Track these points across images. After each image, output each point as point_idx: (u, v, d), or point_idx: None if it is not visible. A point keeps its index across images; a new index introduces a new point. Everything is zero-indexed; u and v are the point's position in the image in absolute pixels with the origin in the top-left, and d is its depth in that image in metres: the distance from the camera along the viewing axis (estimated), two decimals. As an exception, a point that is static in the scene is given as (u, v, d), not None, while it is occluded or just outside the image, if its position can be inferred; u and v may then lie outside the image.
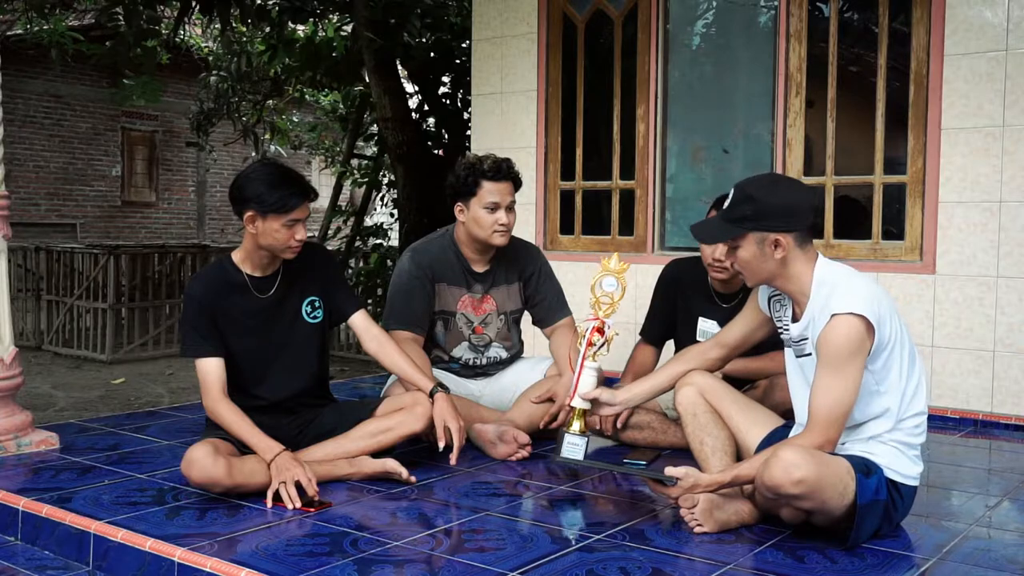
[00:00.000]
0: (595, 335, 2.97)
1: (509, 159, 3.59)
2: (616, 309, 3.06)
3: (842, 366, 2.40)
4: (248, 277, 3.07)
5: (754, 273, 2.57)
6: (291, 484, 2.78)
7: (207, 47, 11.83)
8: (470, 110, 6.73)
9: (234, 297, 3.05)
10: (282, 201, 2.92)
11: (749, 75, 4.99)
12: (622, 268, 3.06)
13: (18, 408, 3.54)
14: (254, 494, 2.83)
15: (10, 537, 2.81)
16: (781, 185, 2.60)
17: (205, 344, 2.98)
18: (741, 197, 2.53)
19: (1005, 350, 4.15)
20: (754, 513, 2.62)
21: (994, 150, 4.15)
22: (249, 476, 2.83)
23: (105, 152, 13.78)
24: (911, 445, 2.55)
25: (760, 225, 2.50)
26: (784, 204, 2.50)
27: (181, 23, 8.25)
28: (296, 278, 3.14)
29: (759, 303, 2.77)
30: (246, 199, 2.95)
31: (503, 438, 3.39)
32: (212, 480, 2.77)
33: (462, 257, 3.67)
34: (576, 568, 2.32)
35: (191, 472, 2.78)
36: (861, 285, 2.47)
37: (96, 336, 8.74)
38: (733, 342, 2.87)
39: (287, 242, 2.97)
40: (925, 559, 2.42)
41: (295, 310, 3.14)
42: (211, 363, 2.97)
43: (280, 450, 2.86)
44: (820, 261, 2.55)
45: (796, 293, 2.56)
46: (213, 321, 3.00)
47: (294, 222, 2.95)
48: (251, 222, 2.96)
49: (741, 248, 2.54)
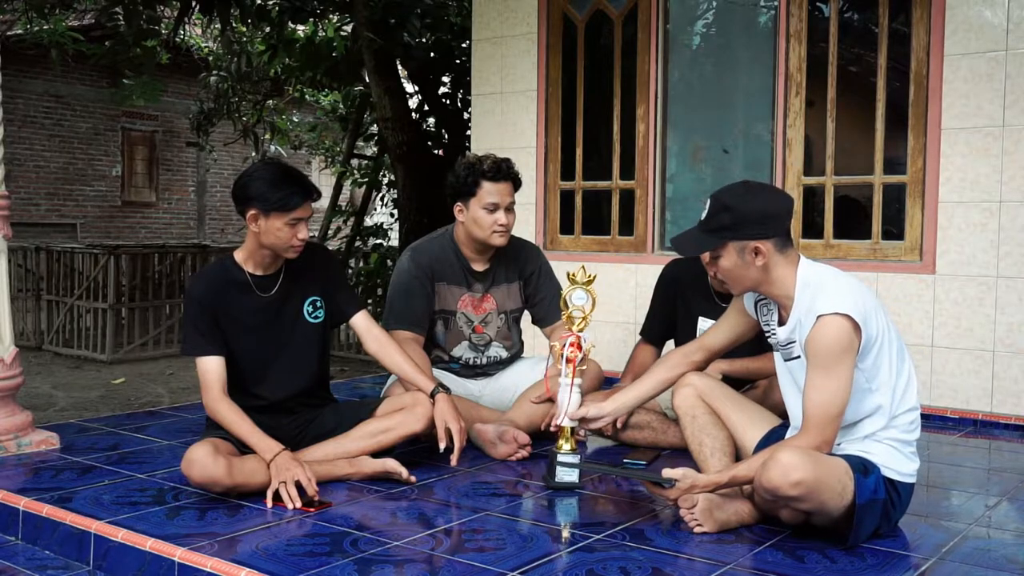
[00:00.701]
0: (572, 351, 2.97)
1: (509, 159, 3.59)
2: (589, 322, 3.07)
3: (832, 366, 2.40)
4: (250, 276, 3.07)
5: (737, 281, 2.58)
6: (291, 484, 2.78)
7: (207, 47, 11.83)
8: (470, 110, 6.74)
9: (236, 296, 3.05)
10: (285, 200, 2.93)
11: (749, 75, 4.99)
12: (590, 279, 3.06)
13: (18, 408, 3.54)
14: (254, 494, 2.83)
15: (10, 537, 2.81)
16: (755, 192, 2.58)
17: (206, 343, 2.98)
18: (718, 207, 2.53)
19: (1005, 350, 4.15)
20: (754, 513, 2.62)
21: (994, 150, 4.15)
22: (249, 476, 2.83)
23: (105, 152, 13.78)
24: (906, 442, 2.55)
25: (739, 234, 2.50)
26: (760, 211, 2.51)
27: (181, 23, 8.26)
28: (298, 278, 3.14)
29: (745, 306, 2.77)
30: (249, 198, 2.96)
31: (503, 438, 3.39)
32: (212, 480, 2.77)
33: (462, 256, 3.67)
34: (576, 568, 2.32)
35: (191, 472, 2.78)
36: (844, 284, 2.47)
37: (96, 336, 8.74)
38: (716, 346, 2.87)
39: (289, 241, 2.97)
40: (924, 559, 2.42)
41: (296, 310, 3.14)
42: (211, 362, 2.97)
43: (280, 450, 2.86)
44: (802, 263, 2.55)
45: (781, 297, 2.56)
46: (215, 320, 3.00)
47: (296, 221, 2.96)
48: (253, 221, 2.97)
49: (722, 258, 2.55)
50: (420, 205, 8.16)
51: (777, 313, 2.62)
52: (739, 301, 2.80)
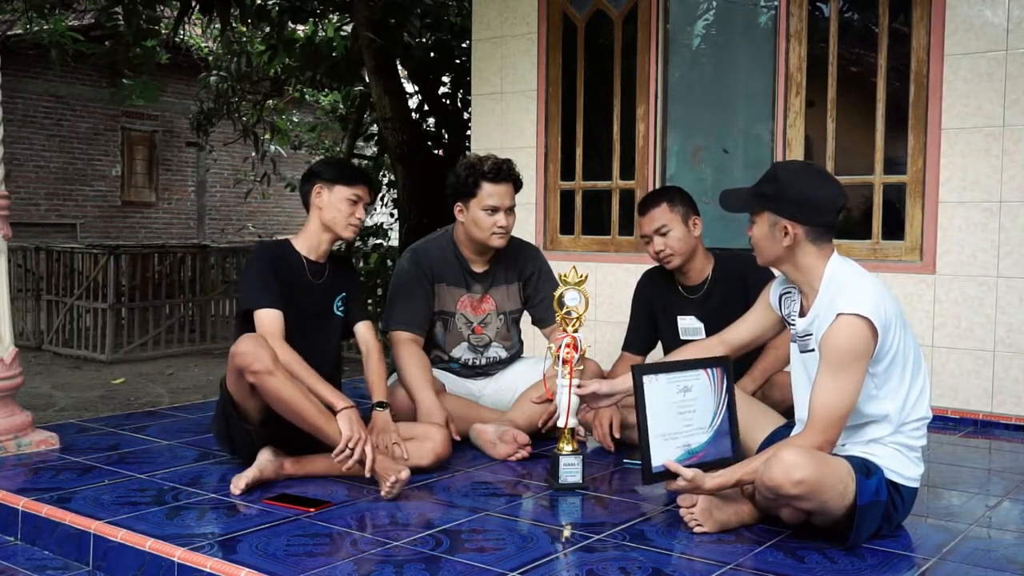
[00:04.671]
0: (569, 351, 2.97)
1: (510, 160, 3.59)
2: (584, 322, 3.07)
3: (843, 367, 2.39)
4: (305, 259, 3.25)
5: (761, 252, 2.60)
6: (367, 444, 2.87)
7: (207, 47, 11.83)
8: (470, 110, 6.73)
9: (292, 272, 3.20)
10: (349, 175, 3.24)
11: (749, 75, 4.99)
12: (582, 279, 3.06)
13: (18, 408, 3.54)
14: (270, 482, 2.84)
15: (10, 537, 2.81)
16: (809, 176, 2.56)
17: (272, 296, 3.08)
18: (769, 176, 2.57)
19: (1005, 350, 4.15)
20: (754, 513, 2.62)
21: (994, 150, 4.15)
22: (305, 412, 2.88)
23: (105, 152, 13.78)
24: (912, 447, 2.54)
25: (774, 207, 2.51)
26: (802, 195, 2.50)
27: (181, 23, 8.25)
28: (337, 274, 3.34)
29: (770, 300, 2.75)
30: (314, 174, 3.25)
31: (503, 438, 3.39)
32: (256, 356, 2.84)
33: (461, 257, 3.67)
34: (576, 568, 2.32)
35: (238, 350, 2.87)
36: (870, 287, 2.46)
37: (96, 336, 8.74)
38: (737, 341, 2.84)
39: (348, 218, 3.20)
40: (925, 559, 2.42)
41: (332, 301, 3.32)
42: (273, 313, 3.07)
43: (351, 404, 2.96)
44: (834, 259, 2.54)
45: (804, 285, 2.56)
46: (276, 278, 3.12)
47: (358, 198, 3.20)
48: (318, 195, 3.21)
49: (756, 224, 2.57)
50: (420, 205, 8.16)
51: (799, 303, 2.62)
52: (764, 296, 2.78)
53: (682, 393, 2.65)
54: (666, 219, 3.47)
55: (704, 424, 2.67)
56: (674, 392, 2.64)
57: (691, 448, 2.65)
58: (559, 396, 3.02)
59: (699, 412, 2.67)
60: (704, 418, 2.68)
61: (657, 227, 3.47)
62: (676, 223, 3.47)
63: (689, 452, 2.64)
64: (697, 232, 3.52)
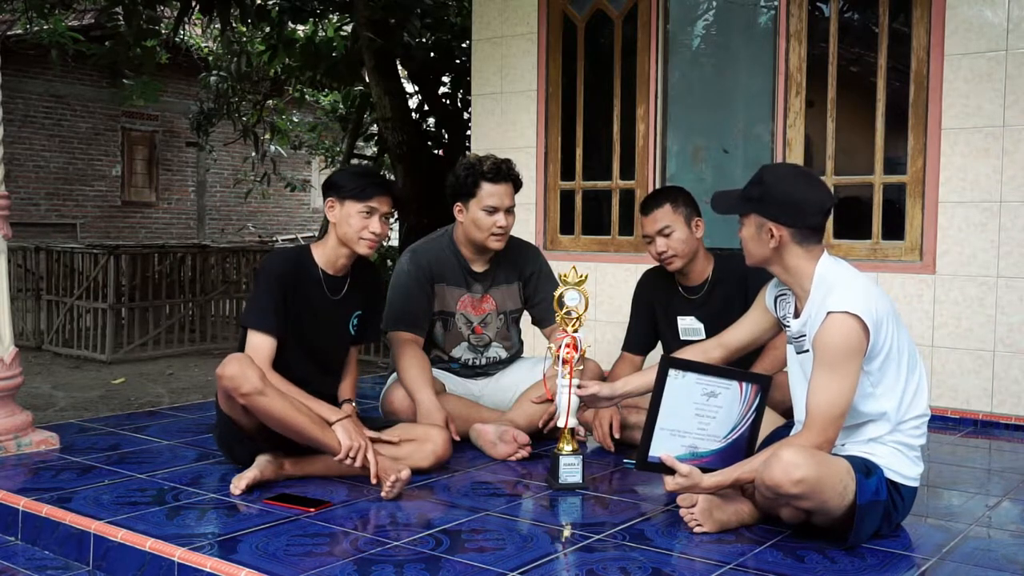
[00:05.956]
0: (569, 351, 2.97)
1: (509, 160, 3.59)
2: (584, 322, 3.07)
3: (838, 366, 2.40)
4: (323, 273, 3.14)
5: (749, 253, 2.62)
6: (369, 451, 2.87)
7: (207, 47, 11.84)
8: (470, 110, 6.74)
9: (308, 287, 3.11)
10: (361, 187, 3.04)
11: (749, 75, 5.00)
12: (582, 279, 3.06)
13: (18, 408, 3.54)
14: (269, 485, 2.85)
15: (10, 537, 2.81)
16: (794, 178, 2.58)
17: (272, 319, 3.01)
18: (756, 179, 2.58)
19: (1005, 350, 4.15)
20: (754, 513, 2.62)
21: (994, 150, 4.15)
22: (297, 423, 2.87)
23: (105, 152, 13.78)
24: (911, 446, 2.55)
25: (760, 209, 2.53)
26: (788, 198, 2.51)
27: (181, 23, 8.25)
28: (358, 290, 3.22)
29: (765, 303, 2.77)
30: (329, 185, 3.12)
31: (503, 438, 3.39)
32: (244, 376, 2.82)
33: (461, 257, 3.67)
34: (576, 568, 2.32)
35: (224, 371, 2.85)
36: (860, 286, 2.47)
37: (96, 336, 8.74)
38: (734, 343, 2.86)
39: (361, 231, 3.03)
40: (925, 559, 2.42)
41: (347, 319, 3.23)
42: (268, 340, 3.00)
43: (344, 415, 2.96)
44: (823, 259, 2.55)
45: (795, 286, 2.58)
46: (284, 299, 3.04)
47: (372, 211, 3.03)
48: (331, 208, 3.09)
49: (744, 226, 2.60)
50: (420, 205, 8.17)
51: (793, 305, 2.63)
52: (761, 299, 2.80)
53: (707, 397, 2.63)
54: (669, 220, 3.46)
55: (720, 433, 2.66)
56: (698, 393, 2.63)
57: (696, 451, 2.64)
58: (559, 396, 3.02)
59: (719, 420, 2.65)
60: (722, 428, 2.66)
61: (660, 228, 3.46)
62: (679, 224, 3.46)
63: (692, 454, 2.64)
64: (700, 234, 3.52)
